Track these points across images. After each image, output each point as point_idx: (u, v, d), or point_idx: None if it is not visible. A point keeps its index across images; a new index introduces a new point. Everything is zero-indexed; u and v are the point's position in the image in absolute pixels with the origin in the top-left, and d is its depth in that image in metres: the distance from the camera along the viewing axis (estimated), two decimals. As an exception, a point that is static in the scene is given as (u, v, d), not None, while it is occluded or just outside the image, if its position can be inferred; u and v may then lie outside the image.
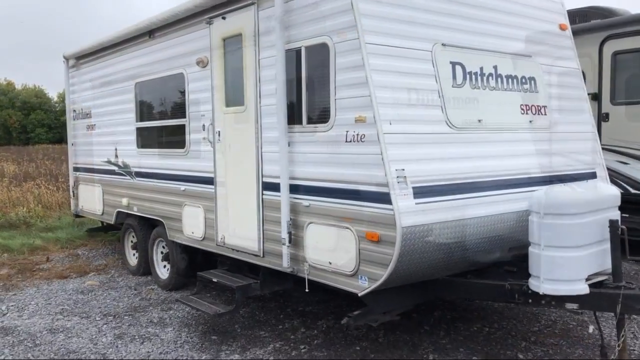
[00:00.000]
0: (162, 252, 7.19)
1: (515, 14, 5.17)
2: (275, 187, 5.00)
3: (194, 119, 6.10)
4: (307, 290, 4.70)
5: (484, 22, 4.89)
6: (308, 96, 4.63)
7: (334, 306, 6.16)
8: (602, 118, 8.07)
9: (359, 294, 4.22)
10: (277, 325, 5.64)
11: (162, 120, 6.74)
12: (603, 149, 5.92)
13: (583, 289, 4.00)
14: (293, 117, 4.76)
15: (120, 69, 7.54)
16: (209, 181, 5.88)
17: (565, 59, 5.61)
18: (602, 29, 8.28)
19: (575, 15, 8.72)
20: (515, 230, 4.65)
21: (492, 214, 4.46)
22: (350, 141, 4.22)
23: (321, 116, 4.51)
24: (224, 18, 5.48)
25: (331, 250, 4.44)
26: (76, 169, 9.16)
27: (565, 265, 4.01)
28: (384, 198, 3.96)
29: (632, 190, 7.65)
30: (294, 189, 4.78)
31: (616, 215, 4.23)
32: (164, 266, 7.16)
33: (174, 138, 6.53)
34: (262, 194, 5.17)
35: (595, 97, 8.10)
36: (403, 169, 4.00)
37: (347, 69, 4.20)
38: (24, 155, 33.58)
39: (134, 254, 7.95)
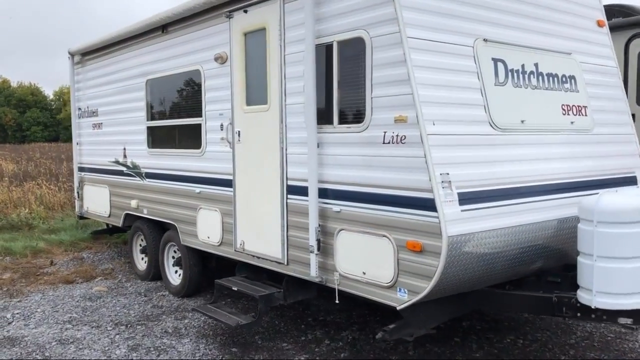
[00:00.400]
0: (173, 257, 6.88)
1: (555, 9, 4.88)
2: (301, 191, 4.71)
3: (210, 118, 5.80)
4: (337, 301, 4.40)
5: (524, 16, 4.61)
6: (340, 95, 4.33)
7: (357, 315, 5.87)
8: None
9: (398, 308, 3.92)
10: (300, 336, 5.34)
11: (176, 119, 6.43)
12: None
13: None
14: (322, 116, 4.47)
15: (130, 66, 7.23)
16: (227, 183, 5.58)
17: (604, 57, 5.33)
18: (627, 28, 8.00)
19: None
20: (559, 238, 4.37)
21: (538, 221, 4.18)
22: (389, 143, 3.92)
23: (355, 116, 4.22)
24: (245, 11, 5.17)
25: (365, 260, 4.15)
26: (81, 169, 8.84)
27: (621, 278, 3.72)
28: (427, 205, 3.67)
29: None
30: (323, 193, 4.49)
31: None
32: (176, 271, 6.85)
33: (188, 138, 6.23)
34: (287, 198, 4.87)
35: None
36: (448, 173, 3.71)
37: (386, 65, 3.91)
38: (21, 153, 33.26)
39: (142, 258, 7.64)
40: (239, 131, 5.39)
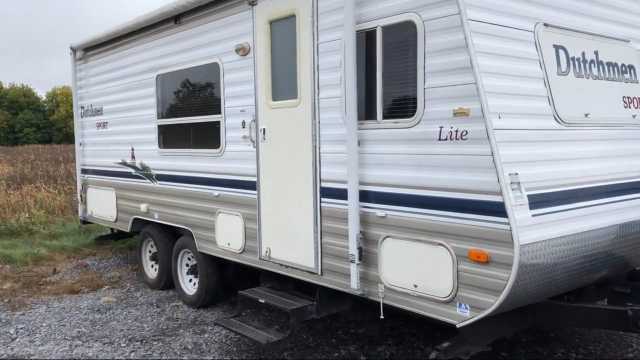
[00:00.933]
0: (187, 265, 6.43)
1: (612, -7, 4.45)
2: (336, 194, 4.26)
3: (231, 115, 5.34)
4: (382, 317, 3.96)
5: (584, 0, 4.17)
6: (384, 86, 3.89)
7: (390, 327, 5.43)
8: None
9: (458, 325, 3.48)
10: (332, 352, 4.90)
11: (190, 117, 5.97)
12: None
13: None
14: (363, 111, 4.02)
15: (139, 60, 6.76)
16: (250, 186, 5.13)
17: (659, 46, 4.90)
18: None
19: None
20: (625, 243, 3.95)
21: (607, 226, 3.75)
22: (446, 139, 3.48)
23: (403, 110, 3.77)
24: (271, -3, 4.73)
25: (417, 271, 3.70)
26: (84, 171, 8.36)
27: None
28: (495, 209, 3.23)
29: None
30: (363, 196, 4.05)
31: None
32: (190, 280, 6.40)
33: (205, 137, 5.77)
34: (320, 202, 4.42)
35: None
36: (516, 173, 3.27)
37: (442, 51, 3.47)
38: (15, 155, 32.68)
39: (152, 266, 7.18)
40: (263, 129, 4.94)
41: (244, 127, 5.18)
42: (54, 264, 8.30)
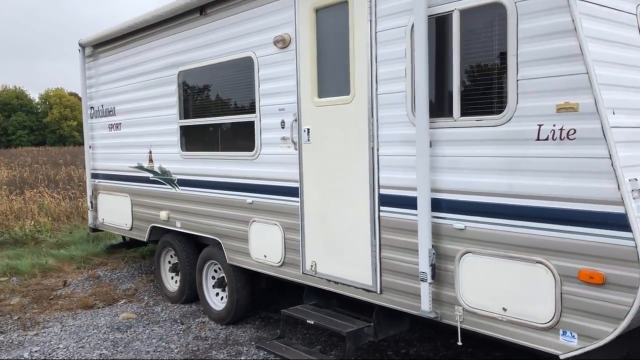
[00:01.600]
0: (213, 277, 5.91)
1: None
2: (399, 202, 3.77)
3: (267, 115, 4.83)
4: (459, 343, 3.46)
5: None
6: (463, 78, 3.39)
7: (443, 346, 4.93)
8: None
9: (562, 356, 2.98)
10: (387, 377, 4.40)
11: (218, 117, 5.45)
12: None
13: None
14: (435, 108, 3.52)
15: (158, 56, 6.23)
16: (291, 192, 4.63)
17: None
18: None
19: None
20: None
21: None
22: (547, 139, 2.98)
23: (487, 105, 3.27)
24: (318, -19, 4.22)
25: (507, 292, 3.20)
26: (95, 176, 7.83)
27: None
28: (615, 222, 2.74)
29: None
30: (435, 205, 3.54)
31: None
32: (217, 294, 5.88)
33: (236, 138, 5.26)
34: (379, 211, 3.92)
35: None
36: (637, 179, 2.78)
37: (542, 36, 2.97)
38: (11, 158, 32.06)
39: (172, 277, 6.66)
40: (307, 129, 4.43)
41: (283, 128, 4.67)
42: (64, 275, 7.76)
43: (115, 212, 7.34)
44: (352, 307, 4.50)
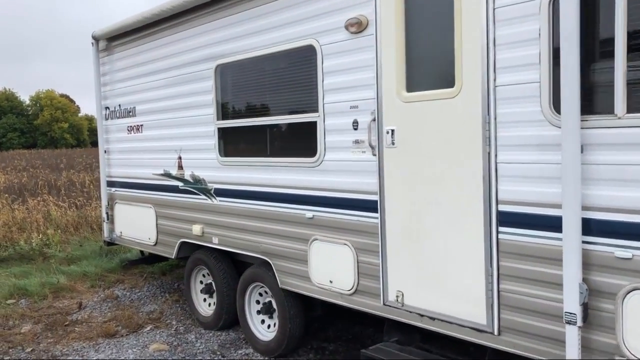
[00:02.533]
0: (258, 302, 5.11)
1: None
2: (528, 221, 2.99)
3: (334, 113, 4.04)
4: (623, 404, 2.68)
5: None
6: (629, 62, 2.61)
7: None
8: None
9: None
10: None
11: (268, 117, 4.66)
12: None
13: None
14: (585, 102, 2.74)
15: (189, 48, 5.43)
16: (367, 206, 3.84)
17: None
18: None
19: None
20: None
21: None
22: None
23: (670, 98, 2.50)
24: (409, -51, 3.43)
25: None
26: (111, 184, 7.01)
27: None
28: None
29: None
30: (586, 226, 2.77)
31: None
32: (262, 321, 5.09)
33: (291, 142, 4.49)
34: (497, 232, 3.14)
35: None
36: None
37: None
38: (4, 162, 31.15)
39: (204, 300, 5.86)
40: (391, 130, 3.64)
41: (356, 129, 3.89)
42: (78, 295, 6.94)
43: (136, 224, 6.54)
44: (442, 344, 3.74)
